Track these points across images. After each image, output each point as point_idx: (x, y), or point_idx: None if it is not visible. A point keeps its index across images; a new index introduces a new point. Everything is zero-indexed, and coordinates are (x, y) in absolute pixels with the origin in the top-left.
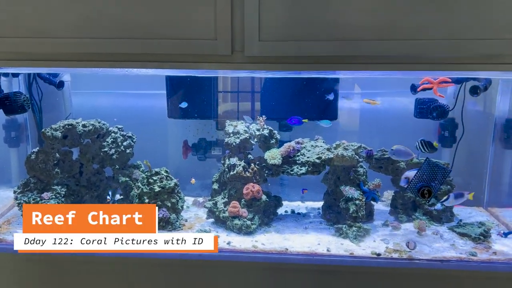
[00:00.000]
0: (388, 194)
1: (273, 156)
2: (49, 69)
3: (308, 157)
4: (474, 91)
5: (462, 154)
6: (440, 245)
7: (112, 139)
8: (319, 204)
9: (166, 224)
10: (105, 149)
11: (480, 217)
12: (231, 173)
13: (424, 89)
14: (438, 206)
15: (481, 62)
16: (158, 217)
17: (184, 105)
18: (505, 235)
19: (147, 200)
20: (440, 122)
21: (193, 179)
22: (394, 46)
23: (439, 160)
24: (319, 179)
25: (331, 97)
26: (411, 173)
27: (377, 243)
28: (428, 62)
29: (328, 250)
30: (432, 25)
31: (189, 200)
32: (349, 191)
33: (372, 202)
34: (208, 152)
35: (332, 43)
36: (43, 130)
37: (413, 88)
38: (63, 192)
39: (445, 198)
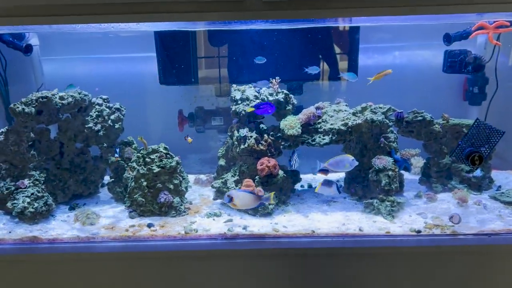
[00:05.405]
0: (415, 161)
1: (292, 125)
2: (12, 28)
3: (331, 124)
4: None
5: (494, 113)
6: (485, 216)
7: (97, 113)
8: (336, 175)
9: (169, 209)
10: (89, 125)
11: None
12: (242, 146)
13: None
14: (478, 172)
15: None
16: (160, 202)
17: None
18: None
19: (145, 183)
20: (467, 76)
21: (189, 138)
22: None
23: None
24: (338, 148)
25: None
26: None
27: (414, 218)
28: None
29: (360, 230)
30: None
31: (189, 178)
32: (382, 161)
33: (403, 171)
34: (207, 123)
35: None
36: (11, 105)
37: (447, 38)
38: (43, 178)
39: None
